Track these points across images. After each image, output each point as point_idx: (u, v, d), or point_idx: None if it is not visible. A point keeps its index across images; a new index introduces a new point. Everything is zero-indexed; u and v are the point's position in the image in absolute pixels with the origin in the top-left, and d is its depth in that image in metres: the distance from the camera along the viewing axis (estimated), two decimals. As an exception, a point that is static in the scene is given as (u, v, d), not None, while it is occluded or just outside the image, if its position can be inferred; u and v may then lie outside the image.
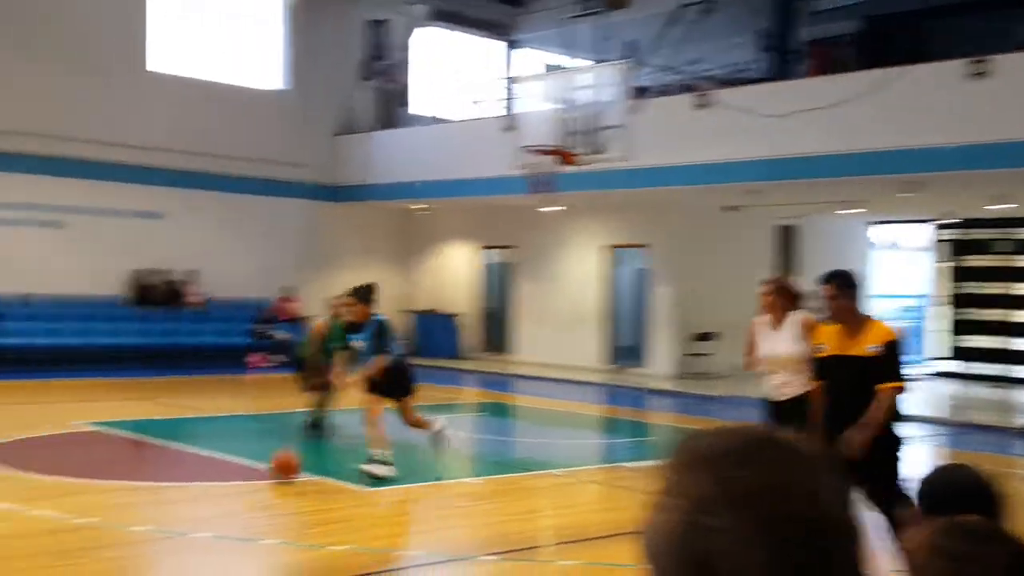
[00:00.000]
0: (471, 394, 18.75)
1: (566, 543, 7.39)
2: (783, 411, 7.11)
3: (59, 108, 19.37)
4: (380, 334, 9.08)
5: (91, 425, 12.14)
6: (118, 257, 20.07)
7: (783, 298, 7.18)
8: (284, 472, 8.85)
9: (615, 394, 18.08)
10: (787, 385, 7.11)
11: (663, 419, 15.72)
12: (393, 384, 9.16)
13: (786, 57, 19.26)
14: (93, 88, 19.75)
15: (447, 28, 25.03)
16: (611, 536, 7.45)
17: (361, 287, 9.33)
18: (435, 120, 23.50)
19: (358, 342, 9.18)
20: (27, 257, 19.10)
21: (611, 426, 15.38)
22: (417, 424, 9.65)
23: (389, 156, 21.87)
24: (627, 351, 20.89)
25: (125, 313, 19.83)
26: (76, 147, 19.53)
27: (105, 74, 19.90)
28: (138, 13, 20.55)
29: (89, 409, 13.57)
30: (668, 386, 18.44)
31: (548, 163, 15.81)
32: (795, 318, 7.13)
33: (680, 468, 1.12)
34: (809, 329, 6.93)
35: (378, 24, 23.26)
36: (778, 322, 7.16)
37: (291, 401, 11.91)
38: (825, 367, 6.22)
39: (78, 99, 19.57)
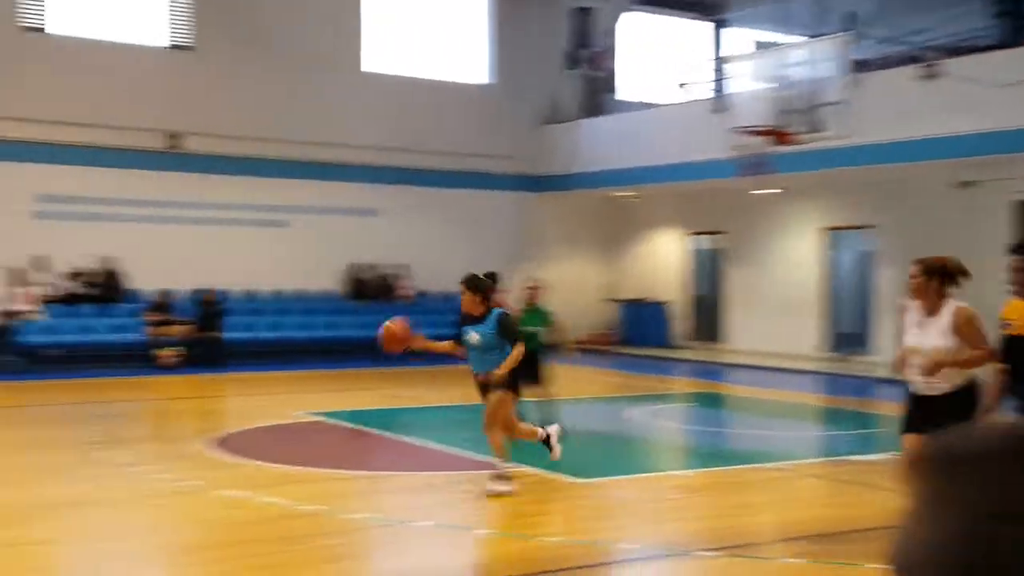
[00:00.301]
0: (682, 384, 18.38)
1: (786, 540, 7.03)
2: (931, 408, 6.38)
3: (280, 112, 20.28)
4: (506, 327, 8.26)
5: (313, 415, 12.58)
6: (335, 253, 20.85)
7: (937, 281, 6.29)
8: (392, 343, 8.36)
9: (837, 383, 17.29)
10: (938, 379, 6.26)
11: (891, 410, 14.87)
12: (516, 379, 8.36)
13: (1020, 22, 17.87)
14: (312, 92, 20.58)
15: (653, 12, 24.65)
16: (836, 533, 7.04)
17: (474, 275, 8.51)
18: (643, 106, 23.21)
19: (473, 335, 8.36)
20: (251, 255, 20.10)
21: (833, 417, 14.67)
22: (508, 428, 8.46)
23: (595, 144, 21.73)
24: (849, 338, 19.95)
25: (342, 307, 20.57)
26: (296, 149, 20.42)
27: (323, 77, 20.69)
28: (353, 15, 21.26)
29: (311, 400, 14.08)
30: (897, 374, 17.44)
31: (762, 144, 15.29)
32: (951, 307, 6.23)
33: (948, 472, 0.98)
34: (965, 324, 6.11)
35: (583, 12, 23.14)
36: (931, 309, 6.30)
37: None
38: (1010, 347, 5.52)
39: (298, 103, 20.44)
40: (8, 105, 18.17)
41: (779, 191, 19.79)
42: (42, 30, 18.81)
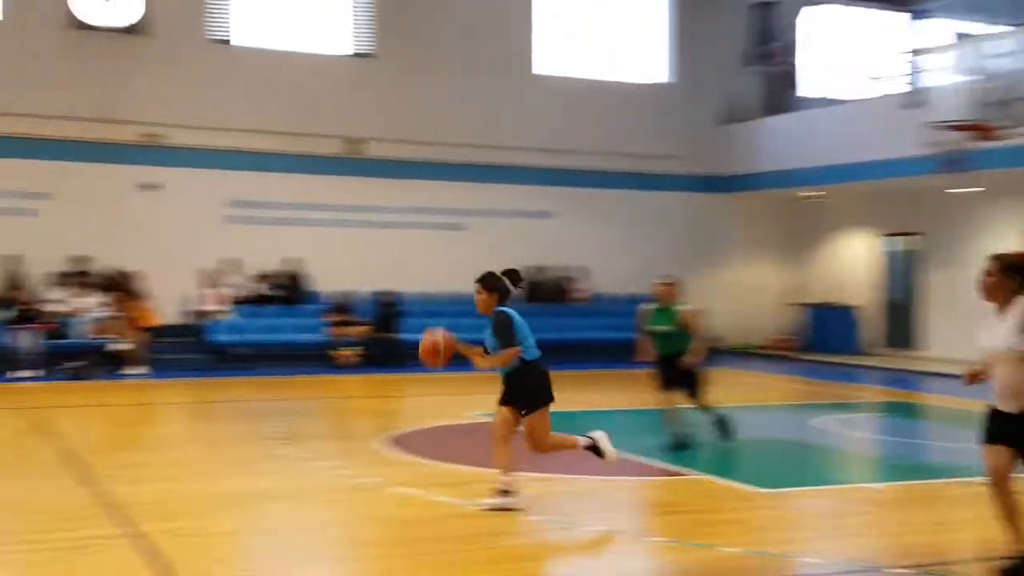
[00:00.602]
0: (872, 392, 17.50)
1: (986, 560, 6.46)
2: (1013, 424, 5.64)
3: (456, 116, 20.57)
4: (496, 327, 7.63)
5: (487, 416, 12.53)
6: (510, 255, 20.86)
7: (1017, 280, 5.62)
8: (429, 356, 7.92)
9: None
10: (1014, 392, 5.61)
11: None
12: (522, 393, 7.78)
13: None
14: (487, 95, 20.81)
15: (842, 4, 23.76)
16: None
17: (490, 273, 7.85)
18: (826, 102, 22.39)
19: (487, 340, 7.80)
20: (429, 257, 20.39)
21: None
22: (551, 447, 7.97)
23: (778, 142, 21.10)
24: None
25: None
26: (472, 152, 20.66)
27: (495, 81, 20.89)
28: (524, 18, 21.37)
29: (485, 401, 14.01)
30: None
31: (960, 140, 14.45)
32: (1020, 303, 5.58)
33: None
34: None
35: (765, 6, 22.51)
36: (1004, 308, 5.64)
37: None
38: None
39: (474, 107, 20.71)
40: (201, 115, 19.05)
41: (981, 189, 18.67)
42: (227, 42, 19.63)
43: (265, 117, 19.42)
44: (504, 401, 7.80)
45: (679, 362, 10.19)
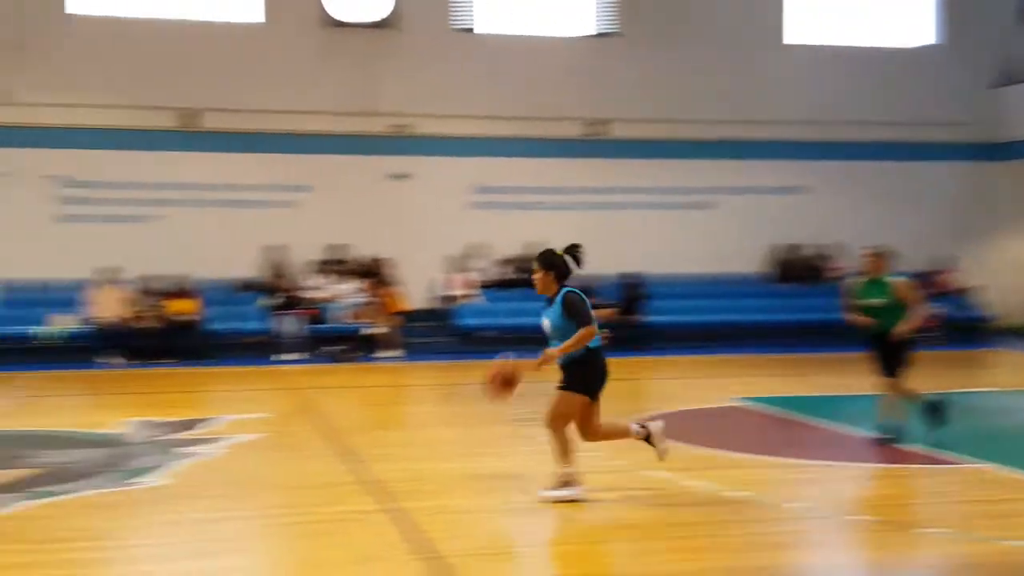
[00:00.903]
0: None
1: None
2: None
3: (702, 92, 20.14)
4: (569, 306, 7.09)
5: (740, 400, 12.20)
6: (759, 234, 20.29)
7: None
8: (499, 386, 7.57)
9: None
10: None
11: None
12: (581, 379, 7.33)
13: None
14: (734, 69, 20.24)
15: None
16: None
17: (549, 251, 7.31)
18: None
19: (545, 321, 7.33)
20: (675, 238, 20.04)
21: None
22: (605, 436, 7.65)
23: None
24: None
25: (768, 289, 19.94)
26: (718, 129, 20.32)
27: (744, 54, 20.30)
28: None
29: (737, 384, 13.73)
30: None
31: None
32: None
33: None
34: None
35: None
36: None
37: (949, 381, 10.79)
38: None
39: (720, 81, 20.22)
40: (446, 104, 19.49)
41: None
42: (471, 31, 19.95)
43: (508, 103, 19.64)
44: (567, 386, 7.41)
45: (890, 335, 9.34)
